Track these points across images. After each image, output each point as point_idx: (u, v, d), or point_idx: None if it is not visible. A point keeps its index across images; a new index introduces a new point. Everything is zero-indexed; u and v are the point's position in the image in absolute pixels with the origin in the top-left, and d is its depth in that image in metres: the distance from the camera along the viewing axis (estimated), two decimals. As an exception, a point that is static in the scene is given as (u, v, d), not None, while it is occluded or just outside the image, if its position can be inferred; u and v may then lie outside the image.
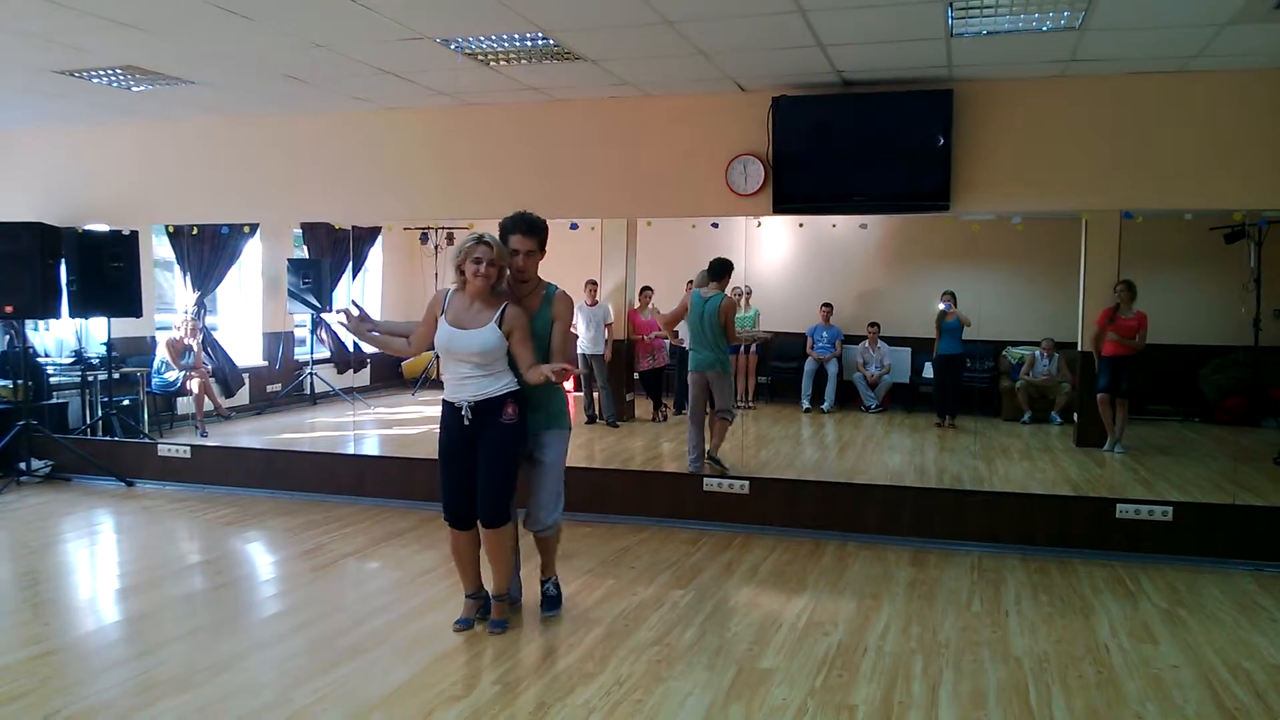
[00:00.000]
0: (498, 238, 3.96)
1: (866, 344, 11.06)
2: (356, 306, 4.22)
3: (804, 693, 3.45)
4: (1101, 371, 8.13)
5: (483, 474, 3.89)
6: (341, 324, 4.22)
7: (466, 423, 3.88)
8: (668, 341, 9.37)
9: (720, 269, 6.90)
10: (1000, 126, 5.65)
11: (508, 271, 3.95)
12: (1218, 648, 3.94)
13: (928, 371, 10.60)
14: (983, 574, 4.96)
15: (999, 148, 5.66)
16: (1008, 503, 5.64)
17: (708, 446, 6.87)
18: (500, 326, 3.83)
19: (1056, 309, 10.41)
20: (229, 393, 9.86)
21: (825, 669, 3.67)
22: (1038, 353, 10.15)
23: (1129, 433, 8.43)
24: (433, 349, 4.03)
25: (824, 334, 11.11)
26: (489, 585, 4.10)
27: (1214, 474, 7.34)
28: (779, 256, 12.12)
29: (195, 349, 8.94)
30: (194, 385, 8.77)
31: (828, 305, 11.23)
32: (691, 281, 7.26)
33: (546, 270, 4.17)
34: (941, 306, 9.70)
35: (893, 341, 11.14)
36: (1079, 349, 8.76)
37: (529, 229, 3.98)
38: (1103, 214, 8.27)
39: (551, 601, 4.25)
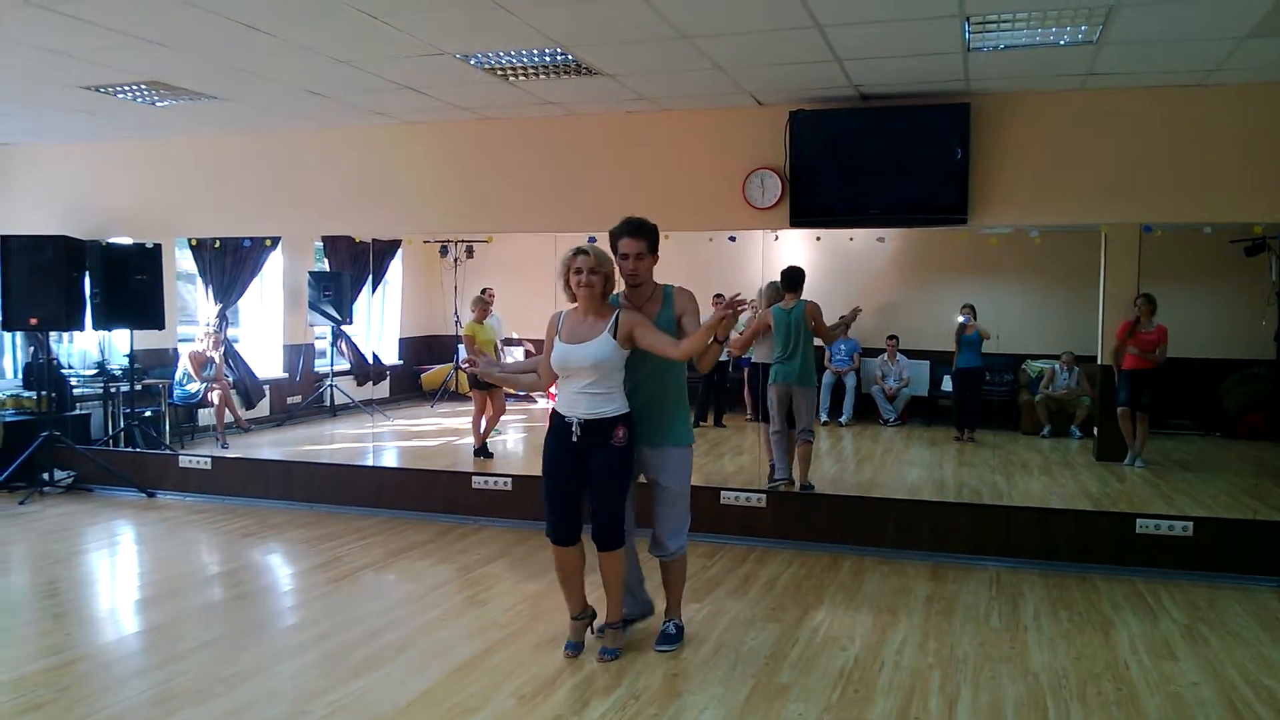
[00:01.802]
0: (608, 249, 3.87)
1: (885, 357, 11.02)
2: (482, 354, 4.19)
3: (820, 708, 3.43)
4: (1122, 385, 8.08)
5: (595, 498, 3.80)
6: (467, 370, 4.14)
7: (575, 439, 3.77)
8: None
9: (793, 279, 6.87)
10: (1018, 139, 5.63)
11: (616, 278, 3.83)
12: (1239, 665, 3.89)
13: (947, 385, 10.56)
14: (1001, 589, 4.93)
15: (1017, 161, 5.64)
16: (1027, 517, 5.60)
17: (795, 471, 6.69)
18: (615, 335, 3.74)
19: (1076, 322, 10.36)
20: (249, 405, 9.95)
21: (842, 684, 3.65)
22: (1057, 366, 10.10)
23: (1149, 447, 8.35)
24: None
25: (842, 347, 11.08)
26: (594, 603, 3.99)
27: (1235, 489, 7.26)
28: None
29: (217, 361, 9.03)
30: (215, 397, 8.85)
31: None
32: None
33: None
34: (961, 320, 9.67)
35: (911, 355, 11.10)
36: (1099, 363, 8.70)
37: (635, 230, 3.85)
38: (1122, 227, 8.22)
39: (669, 639, 4.01)
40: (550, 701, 3.46)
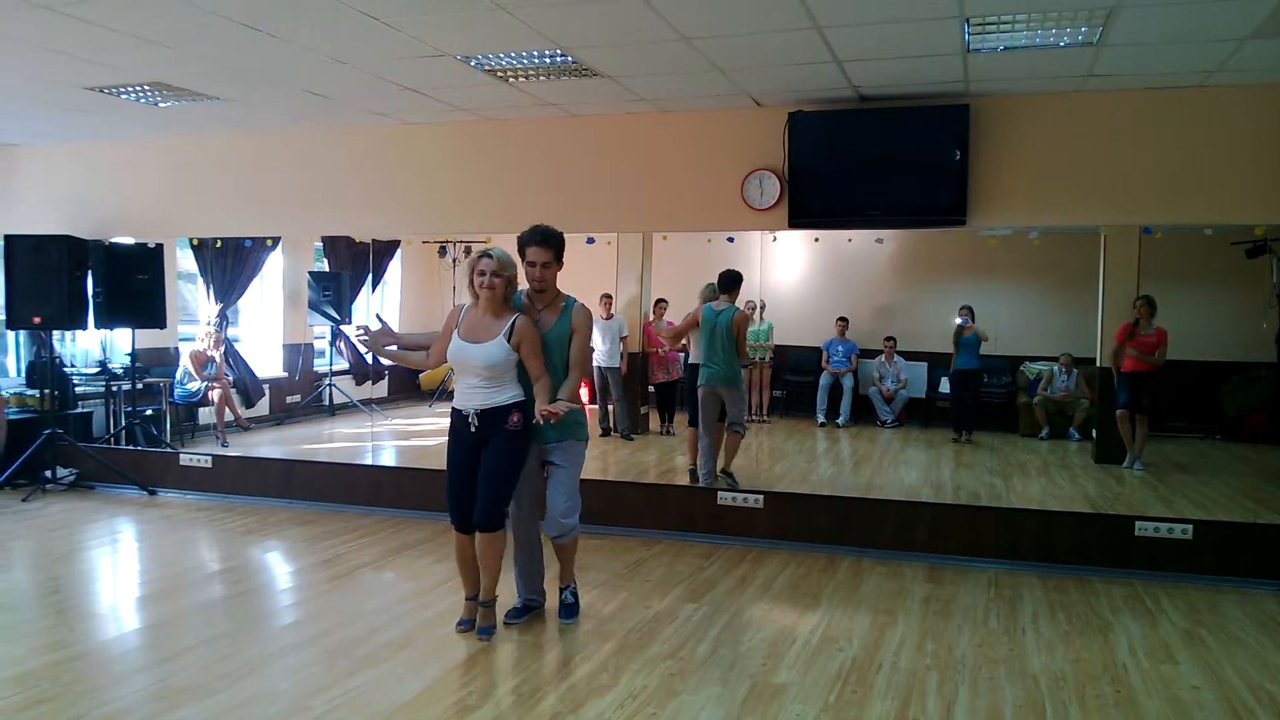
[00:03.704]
0: (513, 251, 4.05)
1: (882, 358, 11.02)
2: (380, 320, 4.32)
3: (817, 709, 3.44)
4: (1121, 388, 8.07)
5: (481, 477, 3.99)
6: (361, 340, 4.29)
7: (473, 429, 3.97)
8: (682, 355, 9.36)
9: (730, 282, 6.85)
10: (1018, 141, 5.64)
11: (517, 284, 4.04)
12: (1239, 668, 3.90)
13: (944, 386, 10.55)
14: (999, 591, 4.93)
15: (1016, 162, 5.65)
16: (1025, 519, 5.61)
17: (719, 462, 6.85)
18: (509, 340, 3.93)
19: (1075, 324, 10.38)
20: (249, 403, 9.97)
21: (839, 685, 3.66)
22: (1056, 368, 10.10)
23: (1149, 449, 8.35)
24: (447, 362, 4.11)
25: (839, 348, 11.09)
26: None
27: (1235, 492, 7.26)
28: (794, 271, 12.14)
29: (217, 360, 9.05)
30: (215, 396, 8.87)
31: (843, 319, 11.20)
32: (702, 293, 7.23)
33: (564, 283, 4.22)
34: (959, 321, 9.66)
35: (909, 356, 11.10)
36: (1098, 365, 8.70)
37: (543, 240, 4.06)
38: (1121, 229, 8.25)
39: (569, 609, 4.31)
40: (548, 700, 3.47)
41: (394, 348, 4.28)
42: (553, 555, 4.35)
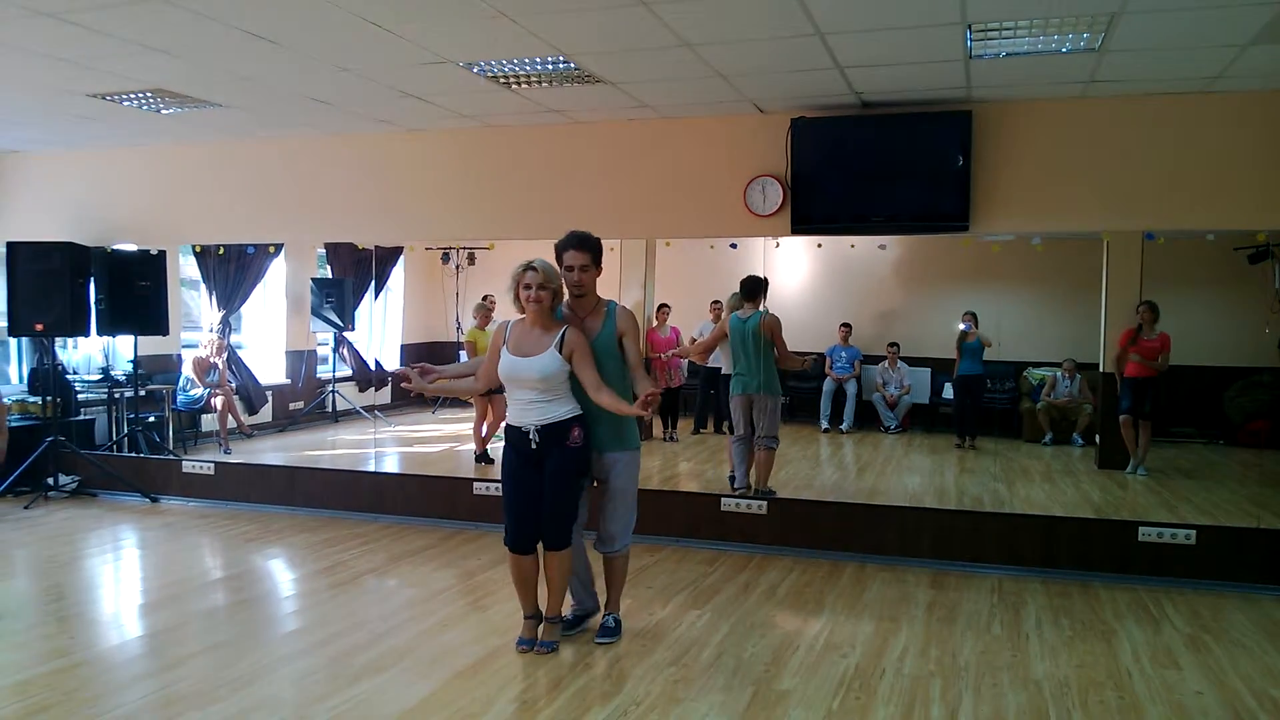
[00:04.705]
0: (552, 261, 3.97)
1: (886, 364, 11.01)
2: (414, 367, 4.19)
3: (821, 715, 3.43)
4: (1124, 393, 8.06)
5: (548, 498, 3.90)
6: (404, 386, 4.17)
7: (534, 447, 3.89)
8: (684, 360, 9.36)
9: (753, 288, 6.79)
10: (1020, 147, 5.64)
11: (564, 293, 3.97)
12: (1243, 674, 3.89)
13: (948, 392, 10.53)
14: (1003, 597, 4.92)
15: (1019, 168, 5.66)
16: (1029, 525, 5.60)
17: (752, 477, 6.67)
18: (560, 351, 3.86)
19: (1078, 330, 10.33)
20: (252, 410, 9.97)
21: (843, 691, 3.65)
22: (1059, 374, 10.07)
23: (1152, 455, 8.33)
24: (499, 381, 4.03)
25: (843, 354, 11.07)
26: (544, 606, 4.10)
27: (1238, 497, 7.24)
28: (797, 277, 12.11)
29: (220, 367, 9.05)
30: (218, 403, 8.87)
31: (846, 325, 11.19)
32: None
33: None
34: (962, 327, 9.65)
35: (912, 362, 11.08)
36: (1101, 370, 8.69)
37: (581, 244, 3.99)
38: (1124, 235, 8.22)
39: (609, 631, 4.18)
40: (551, 708, 3.47)
41: (440, 382, 4.25)
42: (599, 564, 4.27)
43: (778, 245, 12.24)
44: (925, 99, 5.59)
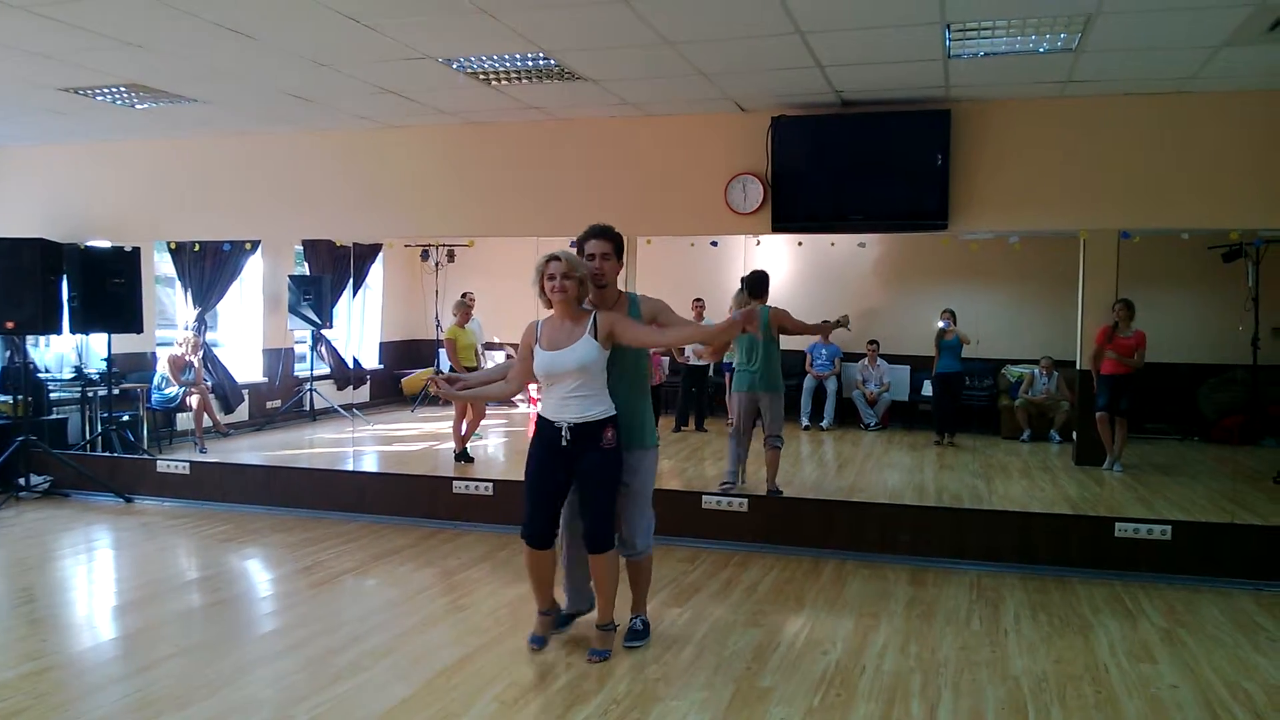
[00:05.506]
0: (574, 254, 3.92)
1: (865, 362, 11.07)
2: (442, 374, 4.15)
3: (802, 712, 3.44)
4: (1100, 390, 8.15)
5: (588, 500, 3.85)
6: (434, 392, 4.12)
7: (565, 444, 3.81)
8: (665, 358, 9.36)
9: (758, 285, 6.78)
10: (998, 146, 5.68)
11: (589, 283, 3.87)
12: (1217, 668, 3.93)
13: (927, 389, 10.60)
14: (982, 593, 4.95)
15: (997, 167, 5.69)
16: (1007, 521, 5.64)
17: (764, 474, 6.67)
18: (596, 337, 3.79)
19: (1055, 327, 10.43)
20: (229, 409, 9.88)
21: (823, 688, 3.66)
22: (1037, 371, 10.17)
23: (1128, 451, 8.43)
24: (535, 381, 3.97)
25: (823, 351, 11.12)
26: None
27: (1213, 493, 7.33)
28: (778, 275, 12.12)
29: (196, 365, 8.95)
30: (193, 401, 8.78)
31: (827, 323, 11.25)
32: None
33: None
34: (941, 325, 9.72)
35: (892, 359, 11.15)
36: (1078, 367, 8.78)
37: (602, 233, 3.97)
38: (1100, 233, 8.30)
39: (637, 634, 4.10)
40: (531, 707, 3.46)
41: (469, 389, 4.22)
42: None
43: (758, 243, 12.27)
44: (905, 98, 5.61)
